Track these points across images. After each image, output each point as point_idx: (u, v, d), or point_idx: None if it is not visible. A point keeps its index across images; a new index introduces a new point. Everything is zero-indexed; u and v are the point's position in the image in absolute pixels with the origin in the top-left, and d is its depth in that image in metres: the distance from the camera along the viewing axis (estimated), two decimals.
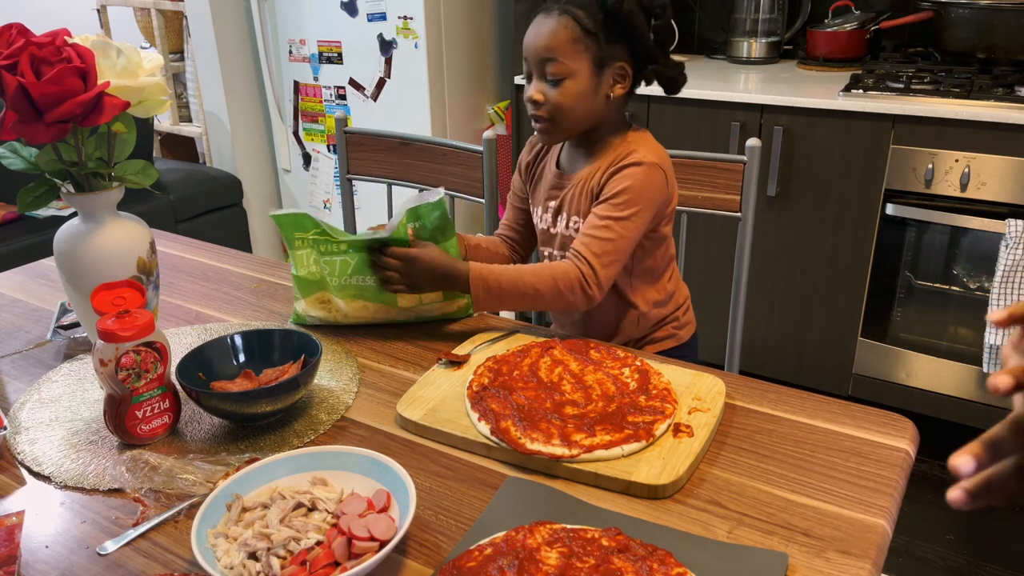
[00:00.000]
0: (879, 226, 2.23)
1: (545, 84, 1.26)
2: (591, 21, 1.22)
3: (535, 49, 1.25)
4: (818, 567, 0.80)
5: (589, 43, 1.23)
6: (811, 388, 1.15)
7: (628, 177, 1.25)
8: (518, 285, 1.22)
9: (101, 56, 1.09)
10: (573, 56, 1.23)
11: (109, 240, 1.16)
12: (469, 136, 2.86)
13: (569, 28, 1.22)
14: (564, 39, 1.23)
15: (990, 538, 2.03)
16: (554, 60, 1.23)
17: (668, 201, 1.31)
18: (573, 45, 1.23)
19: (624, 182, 1.25)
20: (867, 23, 2.55)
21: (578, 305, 1.24)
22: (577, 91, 1.25)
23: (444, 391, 1.10)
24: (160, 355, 1.01)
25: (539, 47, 1.24)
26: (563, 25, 1.22)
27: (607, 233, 1.24)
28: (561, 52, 1.23)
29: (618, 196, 1.25)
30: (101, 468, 0.99)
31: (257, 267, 1.59)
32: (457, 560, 0.79)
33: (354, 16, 2.73)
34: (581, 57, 1.24)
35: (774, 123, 2.26)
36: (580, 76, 1.24)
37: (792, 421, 1.04)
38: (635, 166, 1.26)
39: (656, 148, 1.30)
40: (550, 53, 1.23)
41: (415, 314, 1.30)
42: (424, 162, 1.78)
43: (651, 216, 1.28)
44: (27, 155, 1.15)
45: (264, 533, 0.82)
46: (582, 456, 0.94)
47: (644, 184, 1.25)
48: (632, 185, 1.25)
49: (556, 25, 1.23)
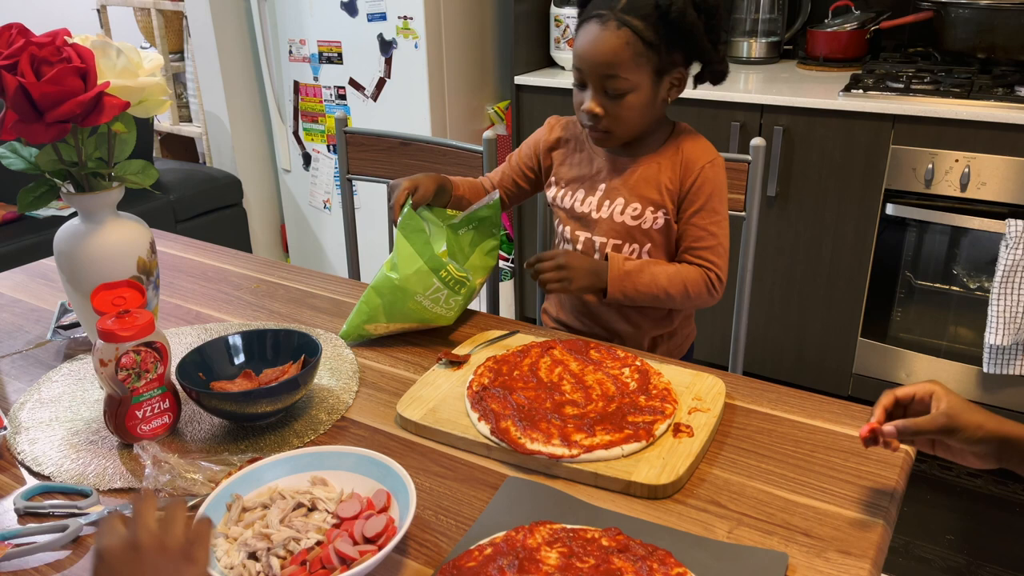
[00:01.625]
0: (879, 226, 2.23)
1: (604, 97, 1.23)
2: (652, 32, 1.19)
3: (594, 63, 1.22)
4: (818, 567, 0.80)
5: (651, 55, 1.21)
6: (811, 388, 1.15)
7: (708, 181, 1.29)
8: (652, 288, 1.28)
9: (101, 56, 1.09)
10: (635, 71, 1.21)
11: (109, 240, 1.16)
12: (469, 136, 2.86)
13: (631, 44, 1.19)
14: (627, 56, 1.19)
15: (990, 538, 2.03)
16: (616, 77, 1.21)
17: None
18: (635, 60, 1.20)
19: (707, 187, 1.29)
20: (867, 23, 2.55)
21: (703, 306, 1.34)
22: (638, 104, 1.24)
23: (444, 391, 1.10)
24: (160, 355, 1.01)
25: (599, 62, 1.21)
26: (625, 40, 1.19)
27: (712, 240, 1.30)
28: (623, 68, 1.20)
29: (709, 202, 1.30)
30: (101, 468, 0.99)
31: (257, 267, 1.59)
32: (457, 560, 0.79)
33: (354, 16, 2.73)
34: (643, 70, 1.21)
35: (774, 123, 2.26)
36: (642, 89, 1.23)
37: (792, 421, 1.04)
38: (709, 165, 1.30)
39: (707, 141, 1.34)
40: (612, 70, 1.21)
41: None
42: (424, 162, 1.78)
43: (728, 207, 1.34)
44: (27, 155, 1.15)
45: (264, 533, 0.82)
46: (582, 456, 0.94)
47: (723, 181, 1.32)
48: (717, 186, 1.30)
49: (617, 40, 1.19)
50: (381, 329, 1.25)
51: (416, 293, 1.21)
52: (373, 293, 1.22)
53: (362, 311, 1.24)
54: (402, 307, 1.22)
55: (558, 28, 2.67)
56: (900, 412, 0.87)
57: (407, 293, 1.20)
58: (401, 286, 1.20)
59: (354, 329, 1.26)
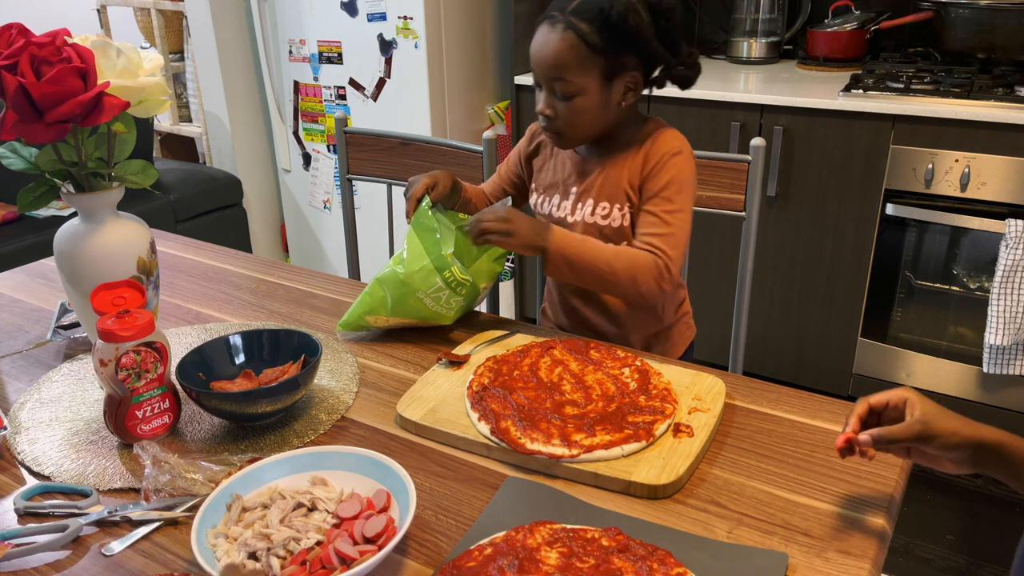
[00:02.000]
0: (879, 226, 2.23)
1: (554, 99, 1.24)
2: (597, 36, 1.19)
3: (542, 66, 1.23)
4: (818, 567, 0.80)
5: (597, 59, 1.20)
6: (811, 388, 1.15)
7: (673, 167, 1.26)
8: (596, 260, 1.21)
9: (101, 56, 1.09)
10: (580, 74, 1.21)
11: (109, 240, 1.16)
12: (469, 136, 2.86)
13: (576, 47, 1.19)
14: (571, 58, 1.20)
15: (990, 538, 2.03)
16: (562, 79, 1.21)
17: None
18: (580, 63, 1.20)
19: (668, 173, 1.25)
20: (867, 23, 2.55)
21: (648, 296, 1.23)
22: (588, 106, 1.23)
23: (444, 391, 1.10)
24: (160, 355, 1.01)
25: (546, 65, 1.22)
26: (569, 44, 1.19)
27: (666, 228, 1.24)
28: (568, 71, 1.20)
29: (669, 188, 1.25)
30: (101, 468, 0.99)
31: (257, 267, 1.59)
32: (457, 560, 0.79)
33: (354, 16, 2.73)
34: (589, 74, 1.21)
35: (774, 123, 2.26)
36: (590, 92, 1.22)
37: (792, 421, 1.04)
38: (675, 155, 1.26)
39: (679, 134, 1.31)
40: (558, 72, 1.21)
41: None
42: (424, 162, 1.78)
43: (693, 202, 1.29)
44: (27, 155, 1.15)
45: (264, 533, 0.82)
46: (582, 456, 0.94)
47: (688, 172, 1.27)
48: (678, 175, 1.25)
49: (562, 43, 1.19)
50: (381, 322, 1.26)
51: (418, 290, 1.22)
52: (378, 285, 1.24)
53: (364, 302, 1.25)
54: (404, 302, 1.23)
55: None
56: (874, 420, 0.86)
57: (410, 288, 1.21)
58: (405, 281, 1.21)
59: (355, 319, 1.27)
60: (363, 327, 1.28)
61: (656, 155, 1.27)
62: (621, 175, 1.29)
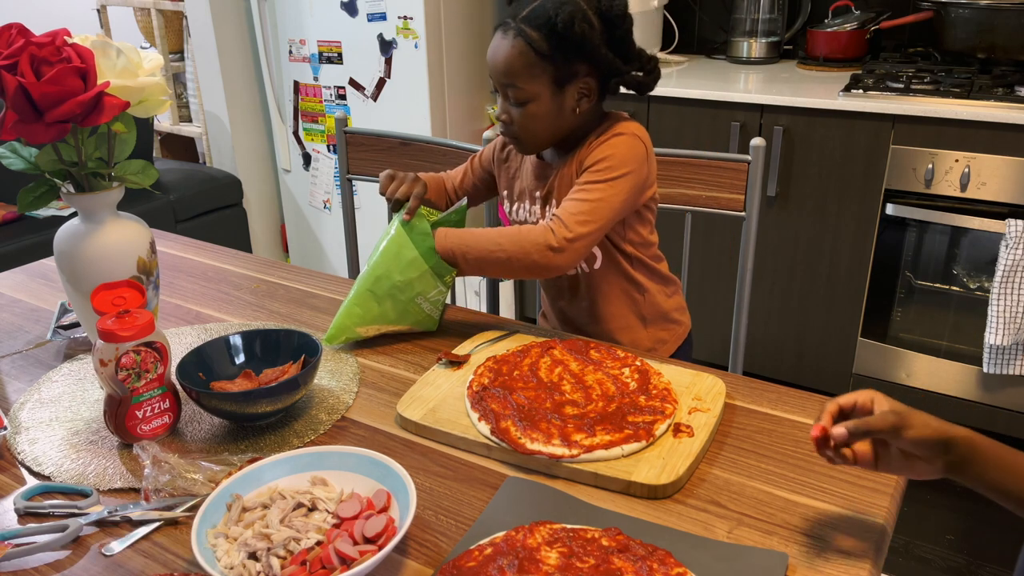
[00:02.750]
0: (879, 226, 2.23)
1: (509, 105, 1.25)
2: (545, 44, 1.19)
3: (494, 71, 1.24)
4: (818, 567, 0.80)
5: (546, 66, 1.21)
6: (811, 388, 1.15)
7: (610, 146, 1.24)
8: (484, 241, 1.20)
9: (101, 56, 1.09)
10: (531, 80, 1.21)
11: (109, 240, 1.16)
12: (469, 136, 2.86)
13: (524, 54, 1.20)
14: (520, 65, 1.20)
15: (990, 538, 2.03)
16: (513, 85, 1.22)
17: (650, 174, 1.30)
18: (529, 70, 1.21)
19: (606, 151, 1.24)
20: (867, 23, 2.55)
21: (546, 265, 1.19)
22: (540, 112, 1.24)
23: (444, 391, 1.10)
24: (160, 355, 1.01)
25: (498, 71, 1.23)
26: (518, 50, 1.20)
27: (584, 195, 1.21)
28: (518, 77, 1.21)
29: (599, 163, 1.23)
30: (101, 468, 0.99)
31: (257, 267, 1.59)
32: (457, 560, 0.79)
33: (354, 16, 2.73)
34: (539, 80, 1.21)
35: (774, 123, 2.26)
36: (541, 98, 1.23)
37: (792, 421, 1.04)
38: (617, 136, 1.25)
39: (633, 123, 1.29)
40: (507, 79, 1.22)
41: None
42: (424, 162, 1.78)
43: (634, 184, 1.24)
44: (27, 155, 1.15)
45: (264, 533, 0.82)
46: (582, 456, 0.94)
47: (625, 151, 1.24)
48: (614, 153, 1.23)
49: (512, 50, 1.20)
50: (372, 331, 1.26)
51: (419, 294, 1.22)
52: (370, 296, 1.22)
53: (354, 314, 1.23)
54: (403, 307, 1.23)
55: None
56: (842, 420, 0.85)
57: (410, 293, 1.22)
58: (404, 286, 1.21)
59: (342, 332, 1.24)
60: (352, 338, 1.26)
61: (600, 139, 1.26)
62: (572, 169, 1.29)
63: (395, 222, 1.24)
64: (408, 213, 1.23)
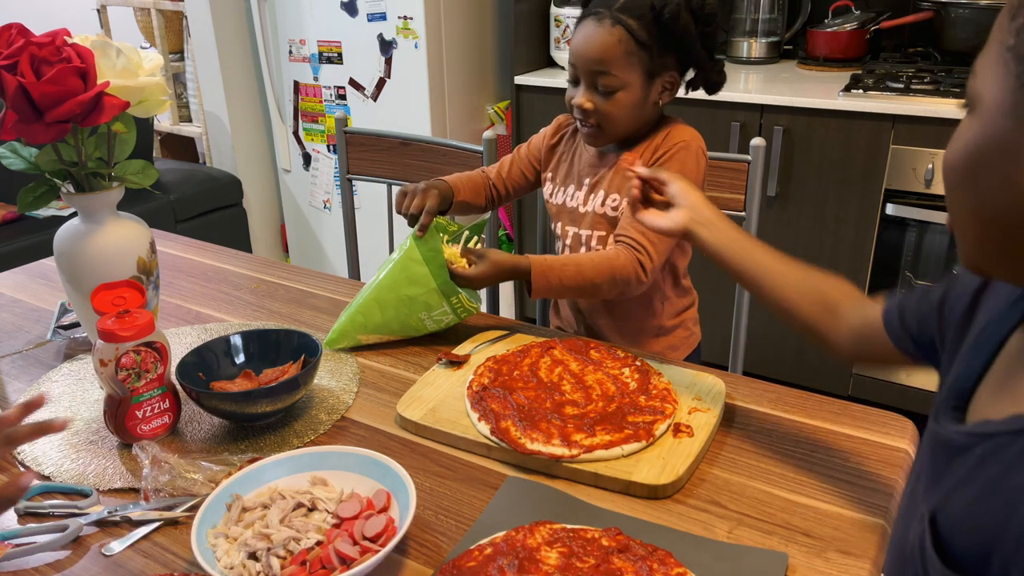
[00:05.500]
0: (879, 226, 2.23)
1: (595, 93, 1.25)
2: (645, 33, 1.21)
3: (587, 59, 1.23)
4: (818, 567, 0.80)
5: (642, 56, 1.22)
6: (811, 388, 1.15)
7: (676, 161, 1.26)
8: (579, 280, 1.22)
9: (101, 56, 1.09)
10: (626, 69, 1.22)
11: (109, 240, 1.16)
12: (469, 136, 2.85)
13: (624, 42, 1.21)
14: (618, 52, 1.21)
15: None
16: (606, 73, 1.22)
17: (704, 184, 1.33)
18: (627, 58, 1.22)
19: (673, 167, 1.25)
20: (867, 23, 2.55)
21: (632, 293, 1.25)
22: (628, 102, 1.25)
23: (444, 391, 1.10)
24: (160, 355, 1.01)
25: (592, 58, 1.23)
26: (617, 38, 1.21)
27: None
28: (614, 65, 1.22)
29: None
30: (101, 468, 0.99)
31: (257, 267, 1.59)
32: (457, 560, 0.79)
33: (354, 16, 2.73)
34: (634, 69, 1.23)
35: (774, 123, 2.26)
36: (631, 88, 1.24)
37: (792, 421, 1.04)
38: (682, 150, 1.27)
39: (693, 130, 1.31)
40: (602, 66, 1.22)
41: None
42: (424, 162, 1.78)
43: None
44: (27, 155, 1.15)
45: (264, 533, 0.82)
46: (582, 456, 0.94)
47: (693, 168, 1.28)
48: (680, 170, 1.25)
49: (610, 38, 1.21)
50: (373, 339, 1.26)
51: (421, 310, 1.22)
52: (375, 308, 1.22)
53: (357, 322, 1.24)
54: (405, 321, 1.23)
55: (558, 28, 2.67)
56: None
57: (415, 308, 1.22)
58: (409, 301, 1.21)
59: (342, 337, 1.25)
60: (354, 344, 1.26)
61: (664, 146, 1.28)
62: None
63: (409, 236, 1.24)
64: (420, 229, 1.22)
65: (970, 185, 0.59)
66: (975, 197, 0.59)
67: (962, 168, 0.60)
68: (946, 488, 0.63)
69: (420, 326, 1.25)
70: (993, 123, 0.56)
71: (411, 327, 1.25)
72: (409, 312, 1.22)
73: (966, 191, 0.60)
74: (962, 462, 0.61)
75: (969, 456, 0.61)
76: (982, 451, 0.60)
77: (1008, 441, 0.57)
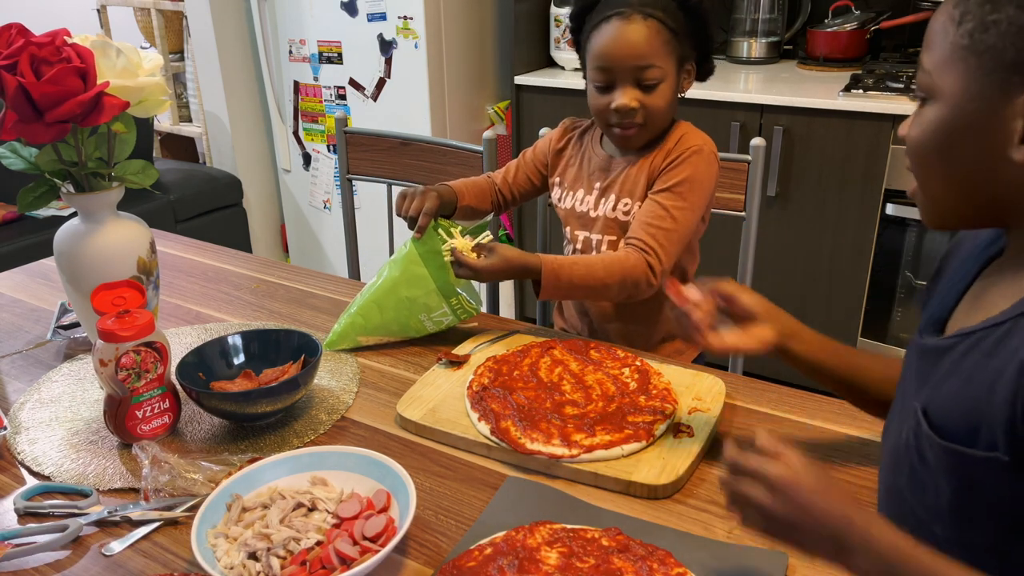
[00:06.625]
0: (879, 226, 2.23)
1: (638, 91, 1.25)
2: (673, 20, 1.23)
3: (626, 57, 1.23)
4: (818, 567, 0.80)
5: (675, 44, 1.24)
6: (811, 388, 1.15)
7: (690, 165, 1.27)
8: (589, 280, 1.22)
9: (101, 56, 1.09)
10: (666, 59, 1.24)
11: (109, 240, 1.16)
12: (469, 136, 2.85)
13: (660, 32, 1.22)
14: (658, 43, 1.22)
15: None
16: (651, 66, 1.23)
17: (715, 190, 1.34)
18: (665, 47, 1.23)
19: (685, 171, 1.26)
20: (867, 23, 2.55)
21: (641, 296, 1.25)
22: (669, 93, 1.26)
23: (444, 391, 1.10)
24: (160, 355, 1.01)
25: (632, 54, 1.23)
26: (654, 30, 1.22)
27: (670, 223, 1.24)
28: (656, 56, 1.23)
29: (680, 185, 1.26)
30: (101, 468, 0.99)
31: (257, 267, 1.59)
32: (457, 560, 0.79)
33: (354, 16, 2.73)
34: (671, 58, 1.25)
35: (774, 123, 2.26)
36: (669, 78, 1.26)
37: (792, 421, 1.04)
38: (695, 154, 1.27)
39: (704, 134, 1.32)
40: (646, 60, 1.23)
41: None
42: (424, 162, 1.78)
43: (706, 203, 1.30)
44: (27, 155, 1.15)
45: (264, 533, 0.82)
46: (582, 456, 0.94)
47: (704, 171, 1.28)
48: (692, 174, 1.26)
49: (647, 31, 1.22)
50: (373, 340, 1.26)
51: (421, 312, 1.22)
52: (375, 309, 1.23)
53: (356, 324, 1.24)
54: (404, 322, 1.24)
55: (558, 28, 2.67)
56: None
57: (414, 310, 1.22)
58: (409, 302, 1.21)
59: (342, 339, 1.25)
60: (354, 345, 1.26)
61: (677, 150, 1.29)
62: (643, 172, 1.31)
63: (409, 239, 1.24)
64: (418, 231, 1.23)
65: (943, 158, 0.70)
66: (948, 166, 0.70)
67: (933, 146, 0.70)
68: (934, 382, 0.72)
69: (420, 327, 1.25)
70: (960, 107, 0.67)
71: (411, 328, 1.25)
72: (409, 313, 1.23)
73: (939, 162, 0.71)
74: (947, 359, 0.71)
75: (953, 353, 0.70)
76: (964, 347, 0.69)
77: (985, 335, 0.68)
